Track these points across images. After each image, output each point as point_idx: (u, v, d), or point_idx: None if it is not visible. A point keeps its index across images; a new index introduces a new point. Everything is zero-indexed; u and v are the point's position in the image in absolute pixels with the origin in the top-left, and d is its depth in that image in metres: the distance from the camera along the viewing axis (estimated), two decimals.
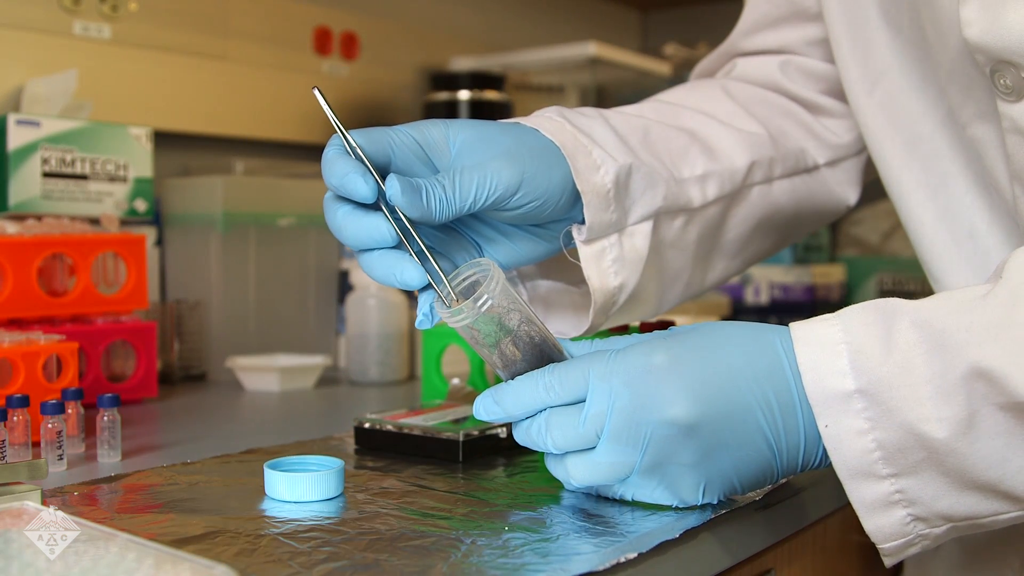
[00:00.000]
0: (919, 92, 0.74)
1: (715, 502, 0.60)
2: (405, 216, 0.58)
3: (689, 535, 0.58)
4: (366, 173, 0.57)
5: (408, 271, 0.57)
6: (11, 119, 1.01)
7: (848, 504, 0.77)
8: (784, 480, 0.61)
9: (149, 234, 1.12)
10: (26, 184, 1.01)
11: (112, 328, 0.98)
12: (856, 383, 0.54)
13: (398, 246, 0.58)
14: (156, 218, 1.20)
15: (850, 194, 0.87)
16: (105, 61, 1.25)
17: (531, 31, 1.98)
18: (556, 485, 0.66)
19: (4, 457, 0.69)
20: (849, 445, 0.55)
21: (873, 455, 0.55)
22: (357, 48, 1.58)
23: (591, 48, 1.64)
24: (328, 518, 0.58)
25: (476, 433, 0.73)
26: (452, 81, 1.56)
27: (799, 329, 0.57)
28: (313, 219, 1.26)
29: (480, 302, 0.57)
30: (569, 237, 0.67)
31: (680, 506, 0.59)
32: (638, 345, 0.58)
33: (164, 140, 1.25)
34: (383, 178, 0.58)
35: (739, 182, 0.77)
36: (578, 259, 0.67)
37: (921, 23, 0.71)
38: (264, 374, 1.11)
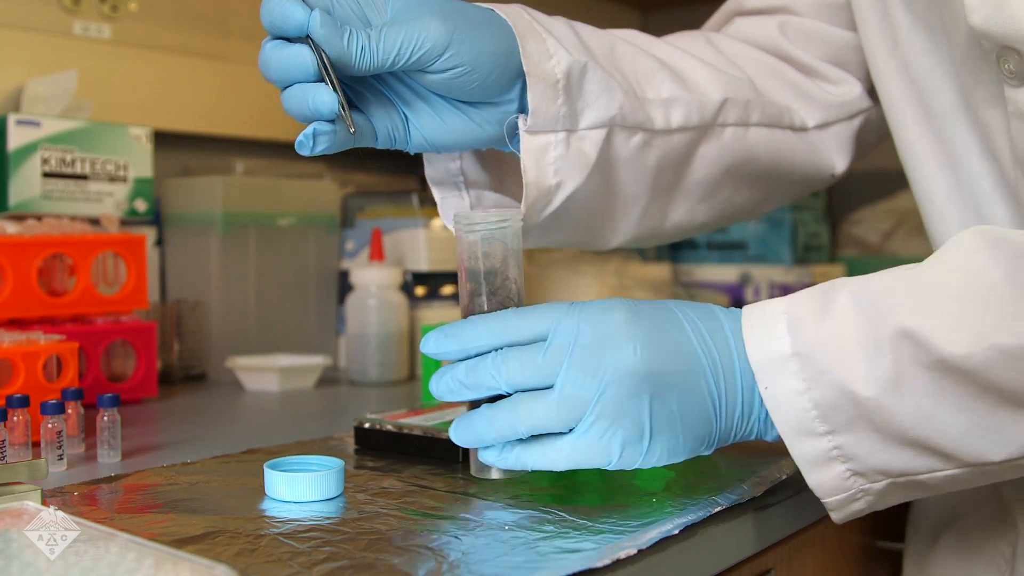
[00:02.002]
0: (935, 68, 0.74)
1: (655, 464, 0.58)
2: (326, 54, 0.57)
3: (688, 532, 0.58)
4: (304, 6, 0.57)
5: (320, 94, 0.57)
6: (11, 119, 1.01)
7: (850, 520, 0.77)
8: (711, 451, 0.61)
9: (149, 234, 1.12)
10: (26, 184, 1.01)
11: (112, 328, 0.98)
12: (792, 347, 0.57)
13: (319, 80, 0.58)
14: (156, 218, 1.20)
15: (837, 161, 0.86)
16: (105, 61, 1.25)
17: None
18: (556, 485, 0.66)
19: (4, 457, 0.69)
20: (788, 404, 0.58)
21: (810, 414, 0.57)
22: None
23: None
24: (328, 518, 0.58)
25: None
26: None
27: (749, 306, 0.60)
28: (313, 219, 1.26)
29: (512, 214, 0.61)
30: (514, 128, 0.65)
31: (616, 467, 0.57)
32: (598, 301, 0.59)
33: (164, 140, 1.25)
34: None
35: (710, 116, 0.76)
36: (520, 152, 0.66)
37: (934, 7, 0.71)
38: (264, 374, 1.11)
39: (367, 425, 0.77)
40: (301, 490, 0.62)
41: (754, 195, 0.84)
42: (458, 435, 0.60)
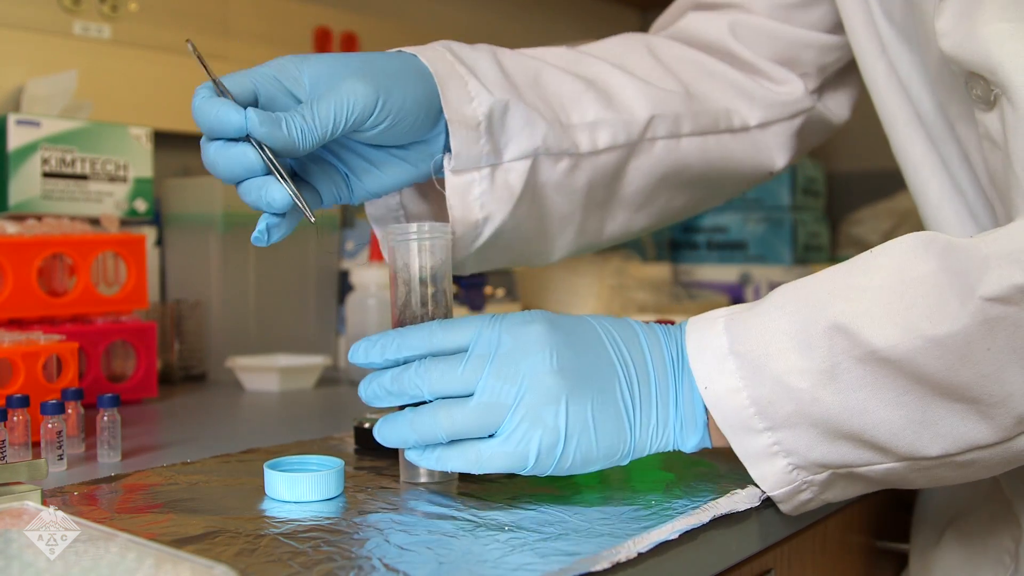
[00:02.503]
0: (914, 76, 0.75)
1: (569, 471, 0.60)
2: (267, 146, 0.59)
3: (688, 536, 0.58)
4: (237, 107, 0.59)
5: (273, 191, 0.59)
6: (11, 119, 1.01)
7: (848, 504, 0.77)
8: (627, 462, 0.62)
9: (149, 234, 1.12)
10: (26, 184, 1.01)
11: (112, 328, 0.98)
12: (730, 344, 0.59)
13: (268, 174, 0.60)
14: (156, 218, 1.20)
15: (777, 158, 0.87)
16: (105, 61, 1.25)
17: (531, 31, 1.98)
18: (556, 485, 0.66)
19: (4, 457, 0.69)
20: (726, 402, 0.59)
21: (748, 411, 0.59)
22: (357, 48, 1.58)
23: None
24: (328, 518, 0.58)
25: None
26: None
27: (694, 318, 0.63)
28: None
29: (442, 226, 0.64)
30: (440, 166, 0.68)
31: (531, 472, 0.59)
32: (520, 313, 0.61)
33: (164, 140, 1.25)
34: None
35: (636, 134, 0.77)
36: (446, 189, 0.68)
37: (912, 21, 0.72)
38: (264, 374, 1.11)
39: (367, 425, 0.77)
40: (301, 490, 0.62)
41: (692, 198, 0.86)
42: (382, 435, 0.61)
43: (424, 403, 0.60)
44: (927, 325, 0.56)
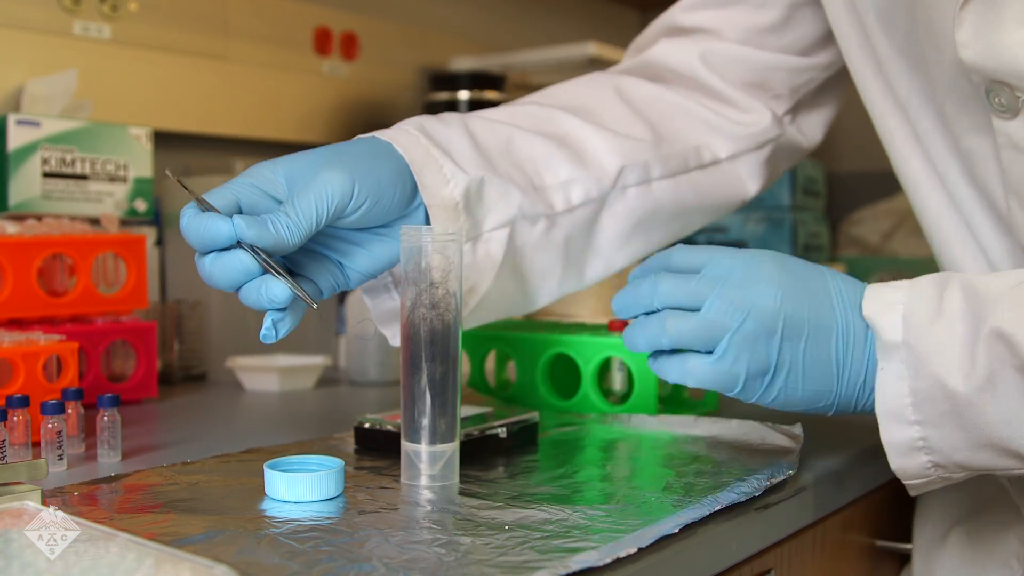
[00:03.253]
0: (913, 95, 0.76)
1: (774, 403, 0.65)
2: (260, 250, 0.62)
3: (688, 531, 0.58)
4: (224, 217, 0.62)
5: (272, 287, 0.63)
6: (11, 119, 1.01)
7: (848, 505, 0.77)
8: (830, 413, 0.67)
9: (149, 234, 1.12)
10: (26, 184, 1.01)
11: (112, 328, 0.98)
12: (903, 335, 0.62)
13: (264, 273, 0.63)
14: (156, 218, 1.20)
15: (750, 186, 0.90)
16: (105, 61, 1.25)
17: (531, 31, 1.97)
18: (556, 485, 0.66)
19: (4, 457, 0.69)
20: (890, 387, 0.62)
21: (905, 400, 0.62)
22: (357, 48, 1.58)
23: (591, 48, 1.64)
24: (328, 518, 0.58)
25: (476, 433, 0.73)
26: (452, 81, 1.56)
27: (870, 288, 0.65)
28: None
29: (455, 228, 0.66)
30: None
31: (737, 395, 0.64)
32: (752, 250, 0.66)
33: (164, 140, 1.25)
34: None
35: (608, 186, 0.80)
36: None
37: (918, 37, 0.72)
38: (264, 374, 1.11)
39: (367, 425, 0.77)
40: (301, 490, 0.62)
41: (668, 232, 0.88)
42: (624, 337, 0.68)
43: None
44: None
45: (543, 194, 0.77)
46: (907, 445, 0.63)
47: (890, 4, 0.74)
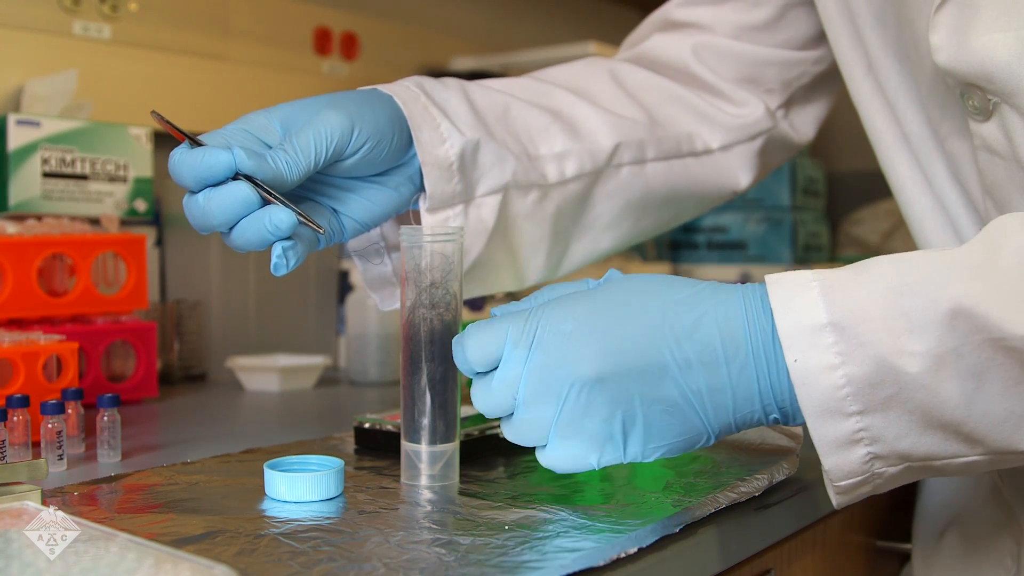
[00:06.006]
0: (901, 95, 0.76)
1: (643, 459, 0.58)
2: (260, 181, 0.60)
3: (688, 531, 0.58)
4: (222, 148, 0.60)
5: (276, 213, 0.60)
6: (11, 119, 1.01)
7: (848, 505, 0.77)
8: (708, 444, 0.60)
9: (149, 234, 1.12)
10: (26, 184, 1.01)
11: (112, 328, 0.98)
12: (828, 315, 0.54)
13: (263, 205, 0.61)
14: (156, 218, 1.20)
15: (741, 178, 0.89)
16: (105, 61, 1.25)
17: (531, 31, 1.97)
18: (556, 485, 0.66)
19: (4, 457, 0.69)
20: (817, 381, 0.54)
21: (842, 391, 0.54)
22: (357, 48, 1.58)
23: (591, 48, 1.64)
24: (328, 518, 0.58)
25: (476, 433, 0.73)
26: None
27: (771, 276, 0.58)
28: None
29: (456, 229, 0.65)
30: (417, 203, 0.71)
31: (601, 465, 0.58)
32: (553, 307, 0.58)
33: (164, 140, 1.25)
34: None
35: (602, 161, 0.80)
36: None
37: (904, 41, 0.73)
38: (264, 374, 1.11)
39: (367, 425, 0.77)
40: (301, 490, 0.62)
41: (659, 219, 0.87)
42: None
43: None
44: None
45: (537, 164, 0.76)
46: (846, 438, 0.55)
47: (881, 6, 0.74)
